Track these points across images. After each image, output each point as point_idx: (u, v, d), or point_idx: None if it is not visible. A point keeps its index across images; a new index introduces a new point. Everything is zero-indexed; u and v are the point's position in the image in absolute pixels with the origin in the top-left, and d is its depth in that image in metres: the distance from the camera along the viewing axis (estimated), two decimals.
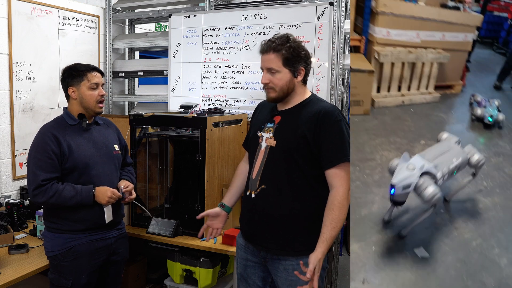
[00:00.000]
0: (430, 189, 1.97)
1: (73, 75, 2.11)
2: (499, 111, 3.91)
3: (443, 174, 2.13)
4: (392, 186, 1.97)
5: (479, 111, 3.84)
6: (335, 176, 1.74)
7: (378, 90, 3.78)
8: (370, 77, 3.45)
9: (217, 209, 2.07)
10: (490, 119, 3.75)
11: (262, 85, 1.87)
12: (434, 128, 3.55)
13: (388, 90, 3.86)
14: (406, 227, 2.24)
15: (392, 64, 3.72)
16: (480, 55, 6.09)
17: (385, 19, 3.67)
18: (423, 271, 2.03)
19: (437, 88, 4.29)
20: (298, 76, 1.81)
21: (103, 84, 2.17)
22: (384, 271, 2.01)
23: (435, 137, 3.24)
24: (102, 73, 2.19)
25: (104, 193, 2.07)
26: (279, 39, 1.79)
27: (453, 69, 4.47)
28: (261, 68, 1.84)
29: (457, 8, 4.29)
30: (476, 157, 2.41)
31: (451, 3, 4.30)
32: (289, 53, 1.77)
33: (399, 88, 3.92)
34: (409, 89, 4.00)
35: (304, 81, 1.86)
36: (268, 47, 1.80)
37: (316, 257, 1.70)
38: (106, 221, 2.12)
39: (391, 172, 2.10)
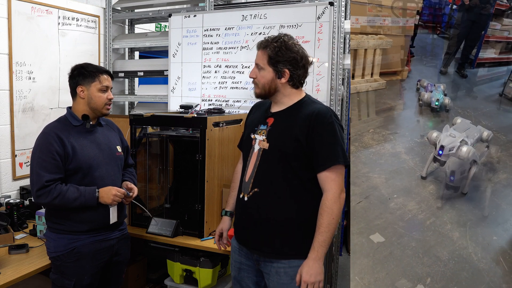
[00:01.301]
0: (465, 148, 2.53)
1: (84, 75, 2.11)
2: (445, 95, 3.95)
3: (472, 143, 2.67)
4: (441, 148, 2.53)
5: (425, 96, 3.90)
6: (326, 180, 1.73)
7: None
8: None
9: (228, 221, 2.10)
10: (436, 103, 3.80)
11: None
12: (382, 116, 3.58)
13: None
14: (464, 186, 2.67)
15: None
16: (424, 40, 6.14)
17: None
18: (380, 255, 2.12)
19: (382, 74, 4.22)
20: (282, 77, 1.79)
21: (111, 87, 2.18)
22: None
23: (383, 125, 3.35)
24: (112, 77, 2.20)
25: (108, 192, 2.06)
26: (271, 38, 1.80)
27: (398, 55, 4.40)
28: None
29: None
30: (485, 133, 2.91)
31: None
32: (273, 52, 1.76)
33: None
34: (353, 77, 3.88)
35: (294, 85, 1.82)
36: (260, 44, 1.83)
37: (307, 269, 1.69)
38: (111, 222, 2.12)
39: (430, 141, 2.69)
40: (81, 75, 2.11)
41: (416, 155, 3.01)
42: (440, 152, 2.56)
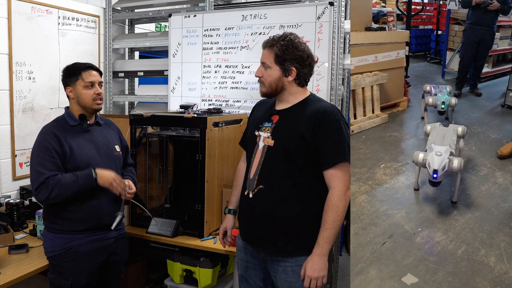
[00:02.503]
0: (455, 161, 2.58)
1: (70, 75, 2.11)
2: (453, 96, 3.91)
3: (454, 149, 2.75)
4: (435, 171, 2.51)
5: (430, 100, 3.87)
6: (332, 177, 1.73)
7: None
8: None
9: (232, 219, 2.10)
10: (442, 106, 3.76)
11: None
12: (390, 149, 3.56)
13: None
14: (453, 195, 2.72)
15: None
16: (417, 69, 6.35)
17: None
18: None
19: (383, 109, 4.32)
20: (289, 76, 1.80)
21: (100, 82, 2.16)
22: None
23: (393, 158, 3.30)
24: (99, 71, 2.17)
25: (107, 174, 2.03)
26: (277, 36, 1.81)
27: (394, 87, 4.52)
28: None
29: (382, 29, 4.42)
30: (460, 129, 3.03)
31: (375, 25, 4.42)
32: (280, 50, 1.77)
33: None
34: (355, 117, 3.96)
35: (300, 83, 1.84)
36: (266, 43, 1.83)
37: (311, 264, 1.71)
38: (113, 227, 2.10)
39: (418, 163, 2.69)
40: (67, 76, 2.12)
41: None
42: (435, 175, 2.53)
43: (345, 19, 2.89)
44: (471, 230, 2.45)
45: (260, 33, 3.04)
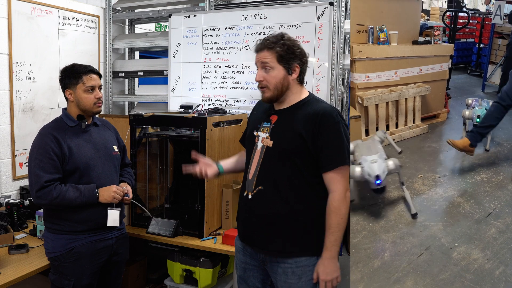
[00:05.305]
0: (390, 162, 2.56)
1: (69, 77, 2.10)
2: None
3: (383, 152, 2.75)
4: (378, 178, 2.44)
5: (467, 113, 3.83)
6: (332, 180, 1.73)
7: (367, 133, 3.76)
8: (358, 122, 3.46)
9: (216, 170, 2.01)
10: (477, 120, 3.73)
11: None
12: (429, 160, 3.53)
13: (377, 131, 3.84)
14: (409, 208, 2.69)
15: (377, 105, 3.75)
16: (457, 81, 6.36)
17: (363, 65, 3.76)
18: None
19: (423, 119, 4.38)
20: (293, 73, 1.79)
21: (100, 85, 2.15)
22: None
23: (432, 169, 3.24)
24: (99, 75, 2.17)
25: (108, 190, 2.07)
26: (273, 37, 1.79)
27: (436, 98, 4.60)
28: (256, 64, 1.83)
29: (428, 42, 4.50)
30: (378, 134, 3.13)
31: (421, 39, 4.50)
32: (283, 50, 1.76)
33: (387, 127, 3.95)
34: (397, 126, 4.02)
35: (300, 80, 1.83)
36: (262, 45, 1.79)
37: (323, 268, 1.72)
38: (109, 224, 2.11)
39: (355, 177, 2.53)
40: (66, 78, 2.10)
41: (470, 197, 2.89)
42: (379, 181, 2.46)
43: (345, 19, 2.89)
44: (509, 251, 2.37)
45: (260, 33, 3.04)
